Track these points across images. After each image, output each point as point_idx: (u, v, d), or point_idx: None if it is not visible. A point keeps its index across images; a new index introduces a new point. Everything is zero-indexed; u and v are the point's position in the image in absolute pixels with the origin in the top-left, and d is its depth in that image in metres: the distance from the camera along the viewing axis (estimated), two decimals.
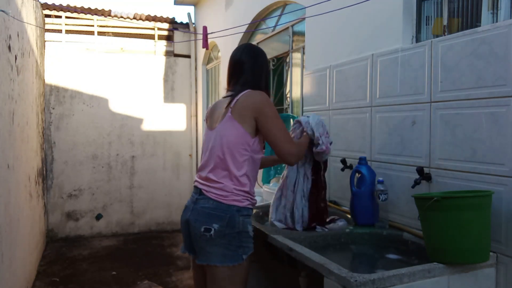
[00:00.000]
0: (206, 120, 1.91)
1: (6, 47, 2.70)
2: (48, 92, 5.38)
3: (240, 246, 1.69)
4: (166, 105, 5.94)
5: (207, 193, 1.73)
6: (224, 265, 1.67)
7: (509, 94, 1.45)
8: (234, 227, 1.68)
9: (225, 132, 1.72)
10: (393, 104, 1.98)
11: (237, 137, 1.69)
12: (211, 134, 1.79)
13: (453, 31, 1.82)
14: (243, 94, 1.72)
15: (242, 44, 1.97)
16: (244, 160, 1.72)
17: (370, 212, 1.96)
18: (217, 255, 1.67)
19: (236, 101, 1.71)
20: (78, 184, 5.53)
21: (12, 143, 2.89)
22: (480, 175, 1.56)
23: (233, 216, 1.69)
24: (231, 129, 1.70)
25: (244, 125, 1.69)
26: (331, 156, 2.48)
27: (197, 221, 1.71)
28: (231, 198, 1.70)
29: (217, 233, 1.66)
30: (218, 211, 1.69)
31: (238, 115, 1.69)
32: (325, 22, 2.54)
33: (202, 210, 1.71)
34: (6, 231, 2.56)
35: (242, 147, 1.70)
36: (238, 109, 1.70)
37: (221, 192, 1.70)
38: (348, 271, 1.32)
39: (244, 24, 3.86)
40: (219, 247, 1.67)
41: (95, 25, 5.64)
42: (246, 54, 1.85)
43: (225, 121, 1.72)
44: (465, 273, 1.43)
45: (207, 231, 1.67)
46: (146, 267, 4.32)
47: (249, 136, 1.70)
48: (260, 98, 1.71)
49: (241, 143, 1.70)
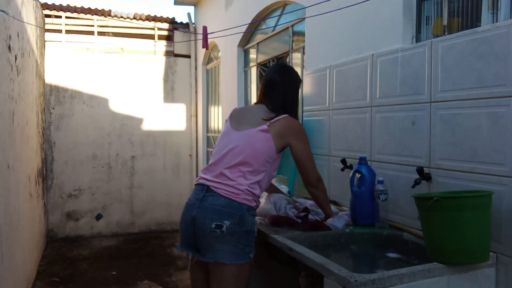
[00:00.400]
0: (230, 118, 1.95)
1: (6, 47, 2.70)
2: (48, 92, 5.38)
3: (248, 245, 1.72)
4: (166, 105, 5.94)
5: (217, 190, 1.74)
6: (232, 263, 1.68)
7: (509, 94, 1.45)
8: (244, 225, 1.70)
9: (257, 139, 1.79)
10: (393, 104, 1.98)
11: (266, 148, 1.78)
12: (237, 135, 1.83)
13: (453, 31, 1.82)
14: (283, 117, 1.84)
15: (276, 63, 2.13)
16: (263, 171, 1.79)
17: (370, 212, 1.96)
18: (226, 252, 1.68)
19: (276, 121, 1.82)
20: (78, 184, 5.53)
21: (12, 143, 2.89)
22: (480, 175, 1.56)
23: (244, 215, 1.71)
24: (263, 140, 1.78)
25: (275, 142, 1.79)
26: (331, 156, 2.48)
27: (207, 217, 1.70)
28: (242, 196, 1.73)
29: (228, 230, 1.68)
30: (230, 208, 1.70)
31: (275, 132, 1.79)
32: (325, 22, 2.54)
33: (212, 207, 1.72)
34: (6, 231, 2.56)
35: (266, 159, 1.78)
36: (277, 127, 1.81)
37: (233, 190, 1.73)
38: (348, 271, 1.32)
39: (244, 24, 3.86)
40: (228, 245, 1.68)
41: (95, 25, 5.64)
42: (279, 74, 1.98)
43: (260, 130, 1.79)
44: (465, 273, 1.43)
45: (219, 227, 1.67)
46: (146, 267, 4.32)
47: (274, 152, 1.80)
48: (300, 127, 1.90)
49: (266, 155, 1.78)
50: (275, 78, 1.97)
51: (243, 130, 1.83)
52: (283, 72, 2.00)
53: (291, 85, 1.98)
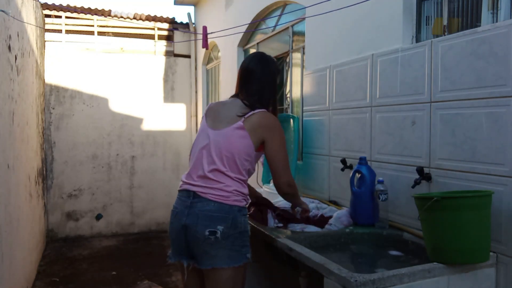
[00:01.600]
0: (206, 115, 1.86)
1: (6, 47, 2.70)
2: (48, 92, 5.38)
3: (243, 245, 1.70)
4: (166, 105, 5.94)
5: (205, 195, 1.69)
6: (230, 267, 1.65)
7: (509, 94, 1.45)
8: (237, 227, 1.68)
9: (234, 139, 1.72)
10: (393, 104, 1.98)
11: (244, 146, 1.72)
12: (214, 134, 1.76)
13: (453, 31, 1.82)
14: (259, 111, 1.76)
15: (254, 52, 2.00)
16: (244, 169, 1.74)
17: (370, 212, 1.96)
18: (223, 257, 1.65)
19: (251, 115, 1.74)
20: (78, 184, 5.53)
21: (12, 143, 2.89)
22: (480, 175, 1.56)
23: (236, 217, 1.68)
24: (240, 137, 1.72)
25: (252, 138, 1.72)
26: (331, 156, 2.48)
27: (199, 225, 1.65)
28: (232, 198, 1.69)
29: (223, 235, 1.64)
30: (221, 212, 1.66)
31: (250, 128, 1.73)
32: (325, 22, 2.54)
33: (203, 213, 1.67)
34: (6, 231, 2.56)
35: (245, 156, 1.73)
36: (251, 124, 1.73)
37: (222, 193, 1.68)
38: (348, 271, 1.32)
39: (244, 24, 3.86)
40: (224, 249, 1.65)
41: (95, 25, 5.64)
42: (255, 62, 1.88)
43: (236, 128, 1.72)
44: (465, 273, 1.43)
45: (212, 233, 1.63)
46: (146, 267, 4.32)
47: (252, 149, 1.74)
48: (275, 124, 1.78)
49: (246, 153, 1.72)
50: (251, 67, 1.86)
51: (219, 129, 1.76)
52: (260, 61, 1.88)
53: (268, 76, 1.87)
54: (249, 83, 1.85)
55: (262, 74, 1.85)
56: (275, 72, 1.91)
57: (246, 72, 1.87)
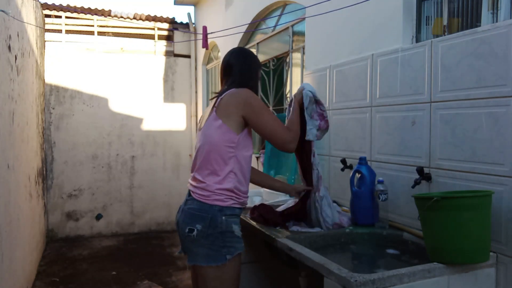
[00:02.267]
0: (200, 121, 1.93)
1: (6, 47, 2.70)
2: (48, 92, 5.38)
3: (224, 246, 1.69)
4: (166, 105, 5.94)
5: (193, 194, 1.75)
6: (208, 266, 1.68)
7: (509, 94, 1.45)
8: (217, 227, 1.69)
9: (209, 132, 1.73)
10: (393, 104, 1.98)
11: (220, 135, 1.69)
12: (199, 134, 1.82)
13: (453, 31, 1.82)
14: (227, 92, 1.74)
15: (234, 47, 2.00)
16: (229, 157, 1.71)
17: (370, 212, 1.96)
18: (202, 255, 1.69)
19: (221, 100, 1.73)
20: (78, 184, 5.53)
21: (12, 143, 2.89)
22: (480, 175, 1.56)
23: (215, 216, 1.69)
24: (215, 128, 1.71)
25: (228, 123, 1.69)
26: (331, 156, 2.48)
27: (183, 222, 1.74)
28: (213, 198, 1.70)
29: (200, 234, 1.68)
30: (201, 211, 1.71)
31: (222, 113, 1.70)
32: (325, 22, 2.54)
33: (188, 211, 1.74)
34: (6, 231, 2.56)
35: (226, 144, 1.69)
36: (222, 107, 1.71)
37: (204, 192, 1.72)
38: (348, 271, 1.32)
39: (244, 24, 3.86)
40: (203, 248, 1.69)
41: (95, 25, 5.64)
42: (234, 56, 1.88)
43: (210, 121, 1.74)
44: (465, 273, 1.43)
45: (191, 231, 1.70)
46: (146, 267, 4.32)
47: (233, 134, 1.70)
48: (245, 94, 1.72)
49: (224, 141, 1.69)
50: (230, 61, 1.87)
51: (201, 128, 1.81)
52: (238, 55, 1.89)
53: (246, 67, 1.86)
54: (228, 76, 1.86)
55: (240, 67, 1.85)
56: (254, 65, 1.89)
57: (226, 67, 1.88)
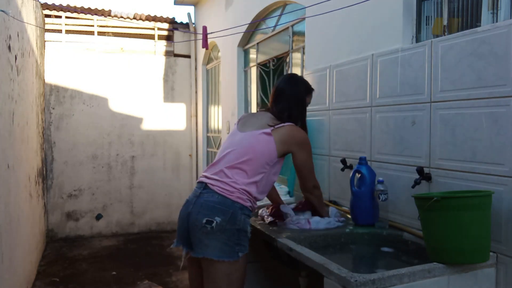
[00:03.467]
0: (238, 122, 2.01)
1: (6, 47, 2.70)
2: (48, 92, 5.38)
3: (238, 243, 1.72)
4: (166, 105, 5.94)
5: (213, 187, 1.77)
6: (220, 260, 1.69)
7: (509, 94, 1.45)
8: (235, 223, 1.71)
9: (258, 141, 1.83)
10: (393, 104, 1.98)
11: (267, 151, 1.82)
12: (241, 136, 1.88)
13: (453, 31, 1.82)
14: (288, 125, 1.90)
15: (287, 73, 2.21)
16: (261, 172, 1.82)
17: (370, 212, 1.96)
18: (214, 248, 1.69)
19: (281, 127, 1.87)
20: (78, 184, 5.53)
21: (12, 143, 2.89)
22: (480, 175, 1.56)
23: (236, 213, 1.72)
24: (266, 142, 1.82)
25: (277, 146, 1.83)
26: (331, 156, 2.48)
27: (200, 213, 1.73)
28: (236, 195, 1.75)
29: (218, 227, 1.69)
30: (223, 205, 1.73)
31: (278, 138, 1.84)
32: (325, 22, 2.54)
33: (206, 203, 1.75)
34: (6, 231, 2.56)
35: (266, 161, 1.82)
36: (281, 133, 1.85)
37: (228, 188, 1.75)
38: (348, 271, 1.32)
39: (244, 24, 3.86)
40: (217, 241, 1.70)
41: (95, 25, 5.64)
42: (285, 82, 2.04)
43: (263, 133, 1.84)
44: (465, 273, 1.43)
45: (209, 223, 1.70)
46: (146, 267, 4.32)
47: (276, 154, 1.83)
48: (304, 137, 1.93)
49: (266, 157, 1.81)
50: (282, 87, 2.02)
51: (246, 131, 1.88)
52: (291, 82, 2.05)
53: (298, 95, 2.02)
54: (279, 101, 1.99)
55: (291, 92, 2.00)
56: (304, 92, 2.05)
57: (277, 91, 2.03)
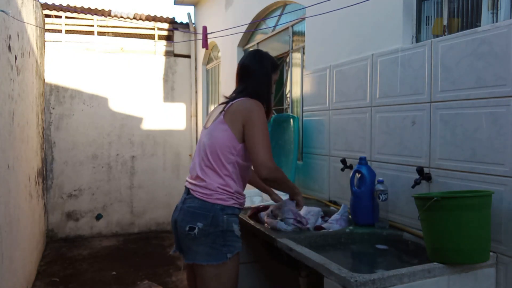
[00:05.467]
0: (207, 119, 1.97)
1: (6, 47, 2.70)
2: (48, 92, 5.38)
3: (225, 245, 1.71)
4: (166, 105, 5.94)
5: (194, 192, 1.76)
6: (209, 264, 1.69)
7: (509, 94, 1.45)
8: (218, 225, 1.70)
9: (215, 133, 1.77)
10: (393, 104, 1.98)
11: (224, 139, 1.74)
12: (203, 133, 1.86)
13: (453, 31, 1.82)
14: (238, 100, 1.78)
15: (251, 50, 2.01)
16: (229, 162, 1.75)
17: (370, 212, 1.96)
18: (202, 254, 1.70)
19: (230, 106, 1.77)
20: (78, 184, 5.53)
21: (12, 143, 2.89)
22: (480, 175, 1.56)
23: (217, 215, 1.71)
24: (221, 131, 1.75)
25: (232, 130, 1.73)
26: (331, 156, 2.48)
27: (183, 220, 1.74)
28: (215, 196, 1.73)
29: (201, 232, 1.69)
30: (203, 210, 1.72)
31: (229, 119, 1.75)
32: (325, 22, 2.54)
33: (188, 210, 1.75)
34: (6, 231, 2.56)
35: (228, 150, 1.74)
36: (229, 113, 1.76)
37: (205, 191, 1.74)
38: (348, 271, 1.32)
39: (244, 24, 3.86)
40: (204, 246, 1.70)
41: (95, 25, 5.64)
42: (250, 59, 1.91)
43: (217, 123, 1.78)
44: (465, 273, 1.43)
45: (191, 230, 1.70)
46: (146, 267, 4.32)
47: (236, 141, 1.74)
48: (252, 106, 1.74)
49: (227, 146, 1.74)
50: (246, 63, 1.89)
51: (208, 127, 1.84)
52: (257, 58, 1.90)
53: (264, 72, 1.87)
54: (244, 80, 1.89)
55: (256, 68, 1.87)
56: (271, 68, 1.90)
57: (241, 68, 1.92)
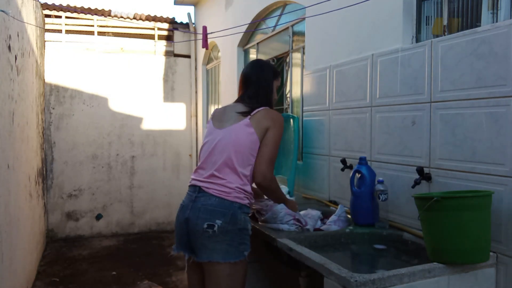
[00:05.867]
0: (212, 119, 1.96)
1: (6, 47, 2.70)
2: (48, 92, 5.38)
3: (242, 243, 1.72)
4: (166, 105, 5.94)
5: (208, 190, 1.75)
6: (226, 262, 1.68)
7: (509, 94, 1.45)
8: (236, 223, 1.71)
9: (239, 135, 1.79)
10: (393, 104, 1.98)
11: (249, 142, 1.78)
12: (221, 133, 1.84)
13: (453, 31, 1.82)
14: (263, 108, 1.86)
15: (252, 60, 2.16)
16: (250, 164, 1.79)
17: (370, 212, 1.96)
18: (220, 251, 1.69)
19: (256, 113, 1.84)
20: (78, 184, 5.53)
21: (12, 143, 2.89)
22: (480, 175, 1.56)
23: (236, 213, 1.72)
24: (246, 134, 1.79)
25: (257, 133, 1.80)
26: (331, 156, 2.48)
27: (199, 218, 1.72)
28: (233, 195, 1.74)
29: (220, 229, 1.69)
30: (221, 207, 1.71)
31: (256, 123, 1.81)
32: (325, 22, 2.54)
33: (204, 207, 1.73)
34: (6, 231, 2.56)
35: (251, 152, 1.78)
36: (257, 118, 1.82)
37: (224, 189, 1.74)
38: (348, 271, 1.32)
39: (244, 24, 3.86)
40: (222, 244, 1.69)
41: (95, 25, 5.64)
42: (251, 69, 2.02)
43: (241, 125, 1.81)
44: (465, 273, 1.43)
45: (210, 227, 1.69)
46: (146, 267, 4.32)
47: (258, 143, 1.80)
48: (278, 118, 1.87)
49: (251, 148, 1.78)
50: (248, 73, 2.00)
51: (226, 127, 1.85)
52: (255, 67, 2.03)
53: (265, 80, 1.98)
54: (246, 88, 1.98)
55: (258, 78, 1.97)
56: (271, 76, 2.01)
57: (243, 78, 2.01)
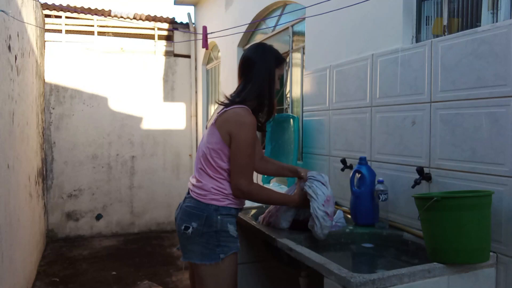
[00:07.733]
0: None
1: (6, 47, 2.70)
2: (48, 92, 5.38)
3: (218, 245, 1.71)
4: (166, 105, 5.94)
5: (191, 193, 1.79)
6: (203, 263, 1.70)
7: (509, 94, 1.45)
8: (212, 226, 1.71)
9: (208, 138, 1.78)
10: (393, 104, 1.98)
11: (215, 144, 1.73)
12: (203, 134, 1.87)
13: (453, 31, 1.82)
14: (232, 108, 1.72)
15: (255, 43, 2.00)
16: (221, 167, 1.73)
17: (370, 212, 1.96)
18: (196, 253, 1.72)
19: (224, 112, 1.74)
20: (78, 184, 5.53)
21: (12, 143, 2.89)
22: (480, 175, 1.56)
23: (211, 215, 1.71)
24: (212, 136, 1.75)
25: (222, 136, 1.71)
26: (331, 156, 2.48)
27: (180, 219, 1.77)
28: (209, 197, 1.73)
29: (195, 232, 1.71)
30: (197, 209, 1.73)
31: (219, 125, 1.73)
32: (325, 22, 2.54)
33: (184, 209, 1.78)
34: (6, 231, 2.56)
35: (217, 155, 1.73)
36: (221, 120, 1.73)
37: (200, 191, 1.75)
38: (348, 271, 1.32)
39: (244, 24, 3.86)
40: (198, 246, 1.71)
41: (95, 25, 5.64)
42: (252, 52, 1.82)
43: (211, 127, 1.78)
44: (465, 273, 1.43)
45: (186, 229, 1.72)
46: (146, 267, 4.32)
47: (223, 145, 1.71)
48: (243, 121, 1.68)
49: (217, 151, 1.73)
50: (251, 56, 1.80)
51: (207, 129, 1.84)
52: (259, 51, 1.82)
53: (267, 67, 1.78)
54: (245, 73, 1.80)
55: (257, 62, 1.78)
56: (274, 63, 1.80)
57: (243, 62, 1.83)
